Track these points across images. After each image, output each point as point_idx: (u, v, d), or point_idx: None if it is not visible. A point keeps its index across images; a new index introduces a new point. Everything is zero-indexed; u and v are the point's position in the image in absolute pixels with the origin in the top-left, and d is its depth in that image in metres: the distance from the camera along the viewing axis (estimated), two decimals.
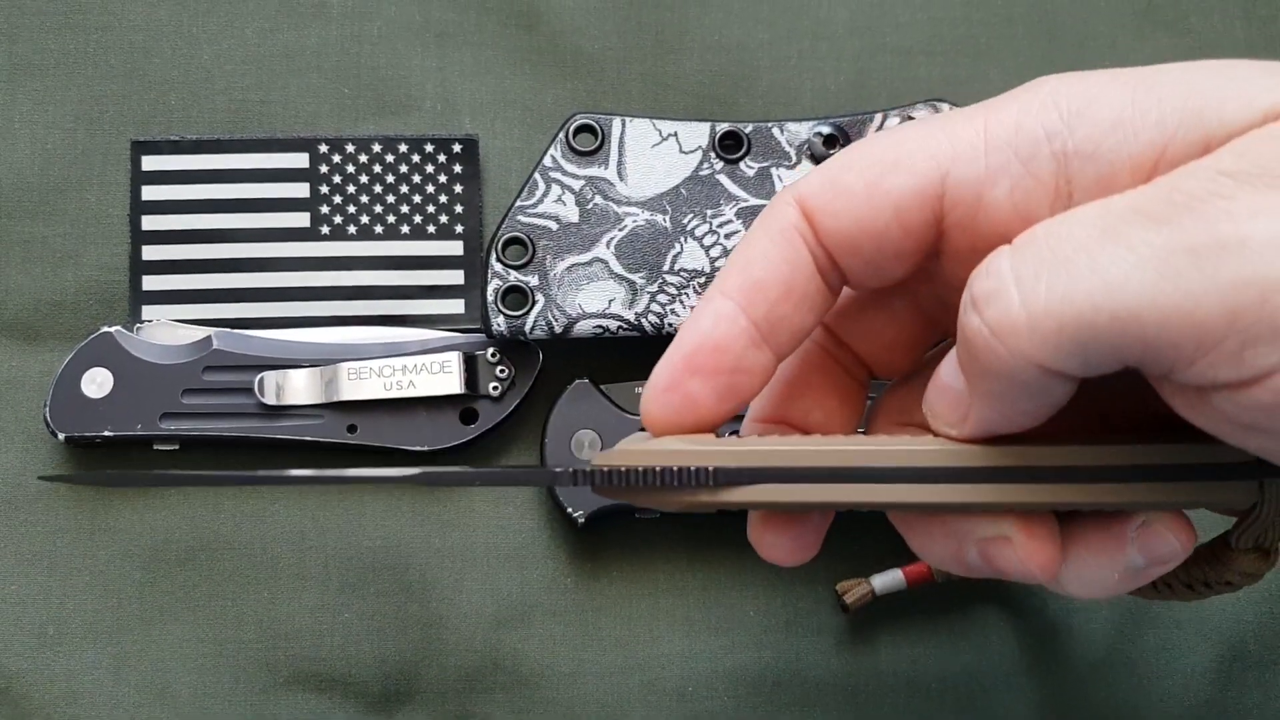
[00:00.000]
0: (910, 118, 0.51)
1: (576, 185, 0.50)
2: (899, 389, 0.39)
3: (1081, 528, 0.36)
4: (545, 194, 0.50)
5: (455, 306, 0.51)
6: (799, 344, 0.37)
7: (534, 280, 0.49)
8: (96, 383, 0.50)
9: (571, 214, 0.50)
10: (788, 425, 0.38)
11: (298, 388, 0.50)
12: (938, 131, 0.35)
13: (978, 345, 0.32)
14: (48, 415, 0.49)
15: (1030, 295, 0.30)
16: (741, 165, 0.50)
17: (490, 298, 0.49)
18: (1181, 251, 0.29)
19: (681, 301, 0.49)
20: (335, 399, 0.50)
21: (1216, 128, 0.31)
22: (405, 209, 0.52)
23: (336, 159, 0.52)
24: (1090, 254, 0.30)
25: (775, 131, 0.51)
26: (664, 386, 0.36)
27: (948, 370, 0.34)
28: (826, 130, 0.51)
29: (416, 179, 0.52)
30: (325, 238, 0.51)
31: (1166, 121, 0.32)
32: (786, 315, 0.36)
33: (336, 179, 0.52)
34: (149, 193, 0.51)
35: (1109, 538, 0.35)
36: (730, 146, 0.50)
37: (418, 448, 0.50)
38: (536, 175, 0.50)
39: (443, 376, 0.50)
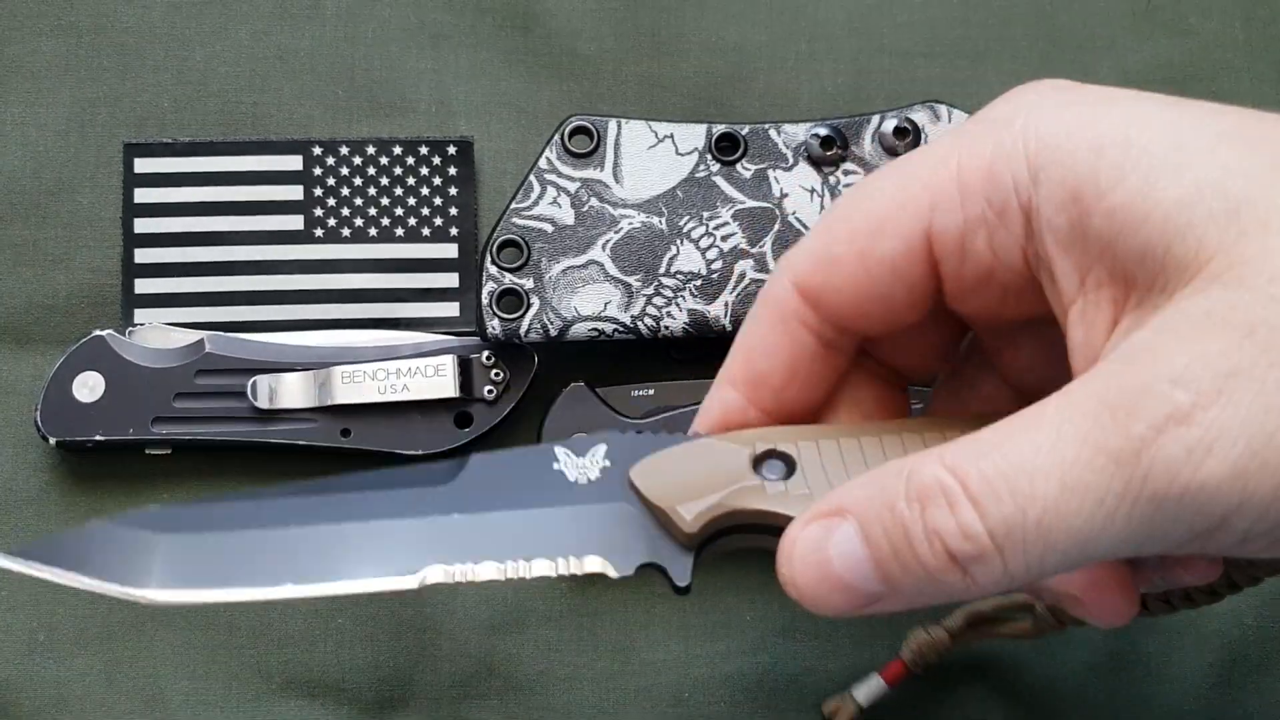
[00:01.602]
0: (909, 119, 0.50)
1: (572, 187, 0.50)
2: (943, 396, 0.40)
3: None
4: (540, 196, 0.50)
5: (450, 309, 0.51)
6: (814, 412, 0.38)
7: (529, 283, 0.49)
8: (88, 386, 0.49)
9: (567, 216, 0.49)
10: None
11: (291, 391, 0.49)
12: (913, 182, 0.35)
13: (955, 592, 0.32)
14: (39, 419, 0.49)
15: (1013, 563, 0.31)
16: (738, 167, 0.50)
17: (485, 300, 0.49)
18: (1146, 500, 0.30)
19: (678, 304, 0.49)
20: (329, 403, 0.49)
21: (1158, 250, 0.31)
22: (400, 211, 0.51)
23: (330, 161, 0.51)
24: (1060, 515, 0.30)
25: (772, 133, 0.50)
26: None
27: (854, 575, 0.33)
28: (824, 132, 0.50)
29: (411, 181, 0.51)
30: (319, 240, 0.51)
31: (1116, 214, 0.32)
32: (795, 396, 0.37)
33: (330, 181, 0.51)
34: (141, 195, 0.51)
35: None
36: (727, 148, 0.50)
37: (412, 452, 0.50)
38: (532, 177, 0.50)
39: (437, 380, 0.49)
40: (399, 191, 0.51)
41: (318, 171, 0.51)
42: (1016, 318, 0.37)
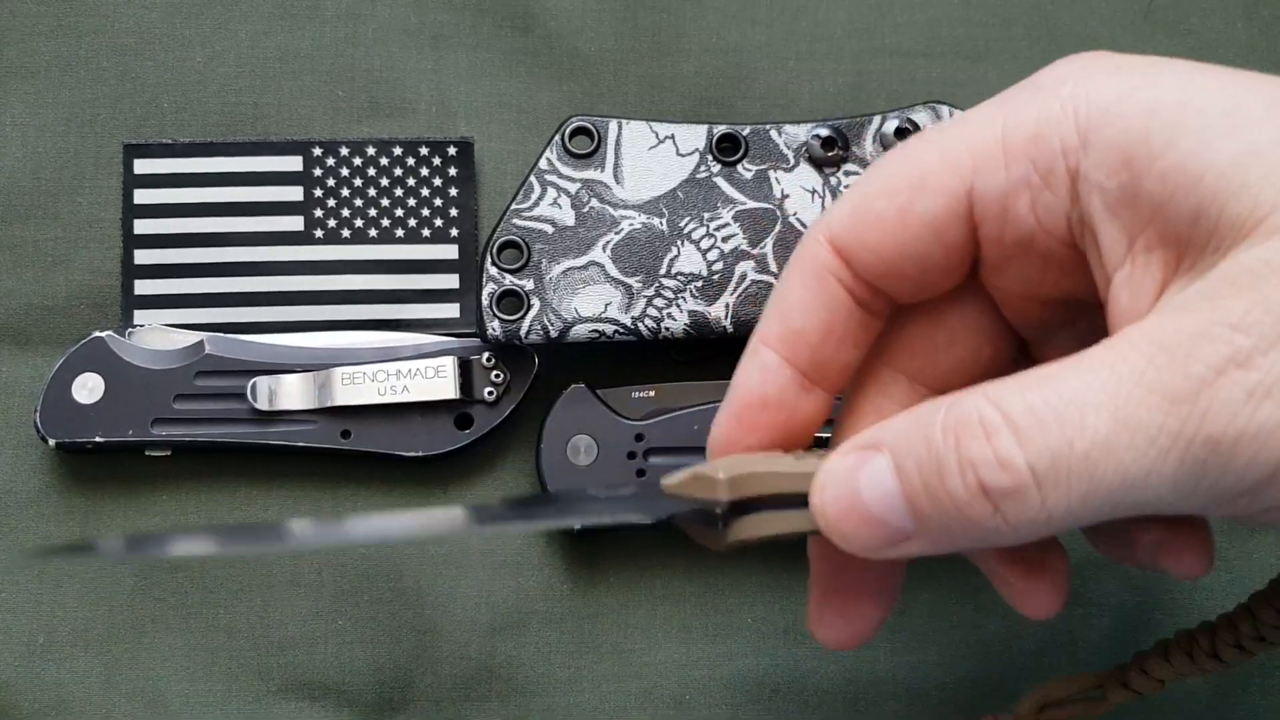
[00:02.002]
0: (910, 120, 0.50)
1: (572, 188, 0.50)
2: None
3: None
4: (541, 197, 0.50)
5: (450, 311, 0.51)
6: (850, 376, 0.38)
7: (529, 284, 0.49)
8: (88, 388, 0.49)
9: (567, 217, 0.49)
10: None
11: (291, 393, 0.49)
12: (957, 142, 0.35)
13: (986, 532, 0.31)
14: (38, 421, 0.49)
15: (1053, 499, 0.30)
16: (739, 168, 0.50)
17: (485, 302, 0.49)
18: (1201, 442, 0.30)
19: (678, 305, 0.49)
20: (329, 404, 0.49)
21: (1212, 210, 0.31)
22: (400, 212, 0.51)
23: (330, 162, 0.51)
24: (1110, 450, 0.30)
25: (773, 134, 0.50)
26: (723, 445, 0.37)
27: (883, 508, 0.32)
28: (825, 132, 0.50)
29: (411, 182, 0.51)
30: (319, 241, 0.51)
31: (1169, 176, 0.32)
32: (831, 356, 0.37)
33: (330, 182, 0.51)
34: (141, 196, 0.51)
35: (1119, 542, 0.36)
36: (727, 149, 0.50)
37: (412, 453, 0.50)
38: (532, 178, 0.50)
39: (437, 381, 0.49)
40: (399, 192, 0.51)
41: (318, 172, 0.51)
42: (1054, 296, 0.36)
